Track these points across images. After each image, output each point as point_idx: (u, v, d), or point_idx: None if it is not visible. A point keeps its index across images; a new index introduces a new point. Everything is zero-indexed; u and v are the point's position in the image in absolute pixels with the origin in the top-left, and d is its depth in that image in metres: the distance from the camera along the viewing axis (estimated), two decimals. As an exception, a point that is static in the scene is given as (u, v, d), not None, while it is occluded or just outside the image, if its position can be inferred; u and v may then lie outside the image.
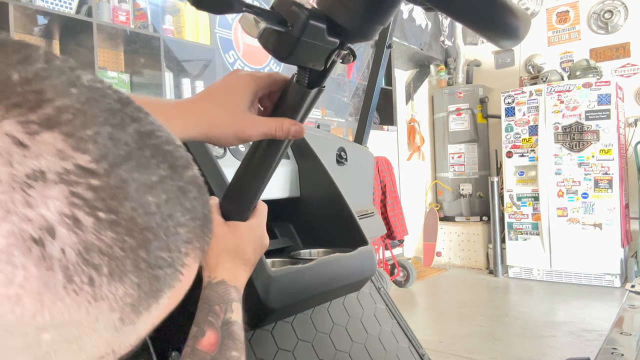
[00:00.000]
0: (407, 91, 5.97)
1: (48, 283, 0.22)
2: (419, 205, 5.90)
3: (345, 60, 0.59)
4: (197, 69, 3.57)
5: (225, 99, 0.58)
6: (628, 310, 1.14)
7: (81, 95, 0.25)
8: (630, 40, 4.93)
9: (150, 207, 0.25)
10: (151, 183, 0.25)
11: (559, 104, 4.54)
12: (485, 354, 2.95)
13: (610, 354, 0.89)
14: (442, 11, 0.50)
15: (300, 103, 0.61)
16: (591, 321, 3.42)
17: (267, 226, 0.71)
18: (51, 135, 0.23)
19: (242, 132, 0.58)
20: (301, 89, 0.60)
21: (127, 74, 3.20)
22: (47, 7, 2.68)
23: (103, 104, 0.25)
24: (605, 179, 4.33)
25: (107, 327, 0.25)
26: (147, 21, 3.14)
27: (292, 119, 0.61)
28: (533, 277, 4.72)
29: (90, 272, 0.23)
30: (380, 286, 1.31)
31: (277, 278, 0.77)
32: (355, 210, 1.01)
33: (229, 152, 0.92)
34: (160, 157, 0.26)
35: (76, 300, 0.23)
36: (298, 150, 1.07)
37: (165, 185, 0.26)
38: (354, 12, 0.53)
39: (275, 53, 0.55)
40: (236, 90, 0.58)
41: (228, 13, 0.49)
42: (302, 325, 1.02)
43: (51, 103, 0.23)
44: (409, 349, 1.25)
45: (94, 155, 0.23)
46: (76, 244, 0.23)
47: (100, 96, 0.26)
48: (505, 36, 0.51)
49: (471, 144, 5.55)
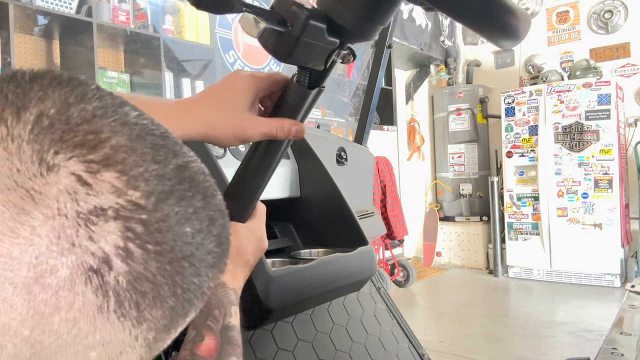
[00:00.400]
0: (407, 91, 5.97)
1: (102, 308, 0.25)
2: (419, 205, 5.90)
3: (345, 60, 0.59)
4: (197, 69, 3.57)
5: (226, 99, 0.58)
6: (628, 310, 1.14)
7: (132, 133, 0.28)
8: (630, 40, 4.93)
9: (187, 238, 0.28)
10: (188, 215, 0.28)
11: (559, 104, 4.54)
12: (485, 354, 2.95)
13: (610, 354, 0.89)
14: (442, 11, 0.50)
15: (301, 103, 0.61)
16: (591, 321, 3.42)
17: (267, 226, 0.71)
18: (109, 174, 0.26)
19: (242, 132, 0.57)
20: (301, 89, 0.59)
21: (127, 74, 3.19)
22: (47, 7, 2.68)
23: (148, 140, 0.28)
24: (605, 179, 4.33)
25: (143, 345, 0.28)
26: (147, 21, 3.14)
27: (292, 119, 0.60)
28: (533, 277, 4.72)
29: (138, 298, 0.26)
30: (380, 286, 1.31)
31: (277, 278, 0.77)
32: (355, 210, 1.01)
33: (229, 152, 0.92)
34: (195, 189, 0.29)
35: (123, 323, 0.26)
36: (298, 150, 1.07)
37: (199, 216, 0.29)
38: (354, 12, 0.53)
39: (275, 53, 0.55)
40: (237, 91, 0.58)
41: (228, 13, 0.49)
42: (302, 325, 1.02)
43: (108, 142, 0.26)
44: (409, 349, 1.25)
45: (144, 192, 0.26)
46: (127, 273, 0.25)
47: (146, 133, 0.29)
48: (505, 36, 0.51)
49: (471, 144, 5.55)
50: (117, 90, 3.04)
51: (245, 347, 0.89)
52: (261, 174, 0.66)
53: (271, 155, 0.64)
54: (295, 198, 1.05)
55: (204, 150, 0.82)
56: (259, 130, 0.58)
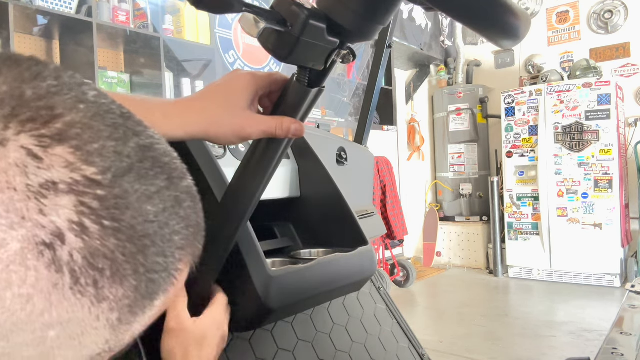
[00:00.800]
0: (407, 91, 5.97)
1: (57, 284, 0.24)
2: (419, 205, 5.90)
3: (345, 60, 0.58)
4: (197, 69, 3.57)
5: (225, 98, 0.58)
6: (628, 310, 1.14)
7: (88, 111, 0.27)
8: (630, 40, 4.93)
9: (149, 216, 0.27)
10: (150, 193, 0.27)
11: (559, 104, 4.54)
12: (485, 354, 2.95)
13: (611, 354, 0.89)
14: (442, 11, 0.50)
15: (301, 102, 0.61)
16: (591, 321, 3.42)
17: (267, 226, 0.71)
18: (62, 148, 0.25)
19: (242, 130, 0.57)
20: (301, 87, 0.59)
21: (127, 74, 3.20)
22: (47, 7, 2.68)
23: (107, 119, 0.28)
24: (605, 179, 4.33)
25: (106, 326, 0.27)
26: (147, 21, 3.14)
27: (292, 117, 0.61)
28: (533, 277, 4.72)
29: (95, 275, 0.25)
30: (380, 286, 1.31)
31: (277, 278, 0.77)
32: (355, 210, 1.01)
33: (229, 152, 0.92)
34: (159, 169, 0.29)
35: (81, 301, 0.25)
36: (298, 150, 1.07)
37: (162, 196, 0.28)
38: (354, 11, 0.53)
39: (275, 53, 0.55)
40: (236, 89, 0.58)
41: (228, 13, 0.49)
42: (302, 325, 1.02)
43: (61, 118, 0.26)
44: (409, 349, 1.25)
45: (100, 168, 0.26)
46: (83, 249, 0.25)
47: (105, 112, 0.28)
48: (506, 36, 0.51)
49: (471, 144, 5.55)
50: (117, 90, 3.05)
51: (245, 347, 0.89)
52: (261, 174, 0.65)
53: (271, 155, 0.64)
54: (295, 198, 1.05)
55: (204, 150, 0.82)
56: (259, 128, 0.58)
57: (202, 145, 0.81)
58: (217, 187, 0.78)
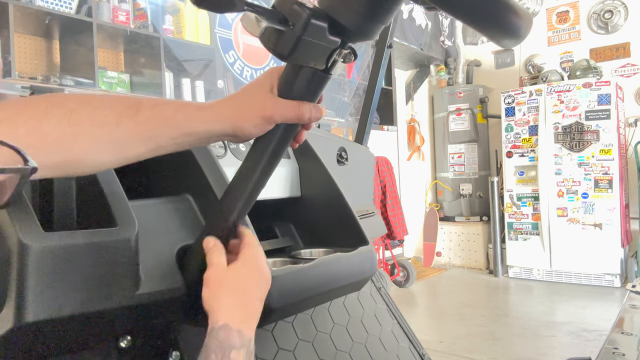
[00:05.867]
0: (407, 91, 5.97)
1: None
2: (419, 205, 5.90)
3: (347, 59, 0.58)
4: (197, 69, 3.57)
5: (250, 86, 0.63)
6: (629, 310, 1.14)
7: None
8: (630, 40, 4.93)
9: None
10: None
11: (559, 104, 4.54)
12: (485, 354, 2.95)
13: (612, 354, 0.89)
14: (444, 10, 0.50)
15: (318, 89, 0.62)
16: (591, 321, 3.42)
17: (267, 226, 0.71)
18: None
19: (264, 110, 0.60)
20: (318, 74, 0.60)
21: (127, 74, 3.19)
22: (47, 7, 2.67)
23: None
24: (605, 179, 4.33)
25: None
26: (147, 21, 3.14)
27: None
28: (533, 277, 4.72)
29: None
30: (380, 286, 1.31)
31: (277, 278, 0.77)
32: (356, 210, 1.01)
33: (229, 152, 0.92)
34: None
35: None
36: (299, 150, 1.07)
37: None
38: (356, 11, 0.53)
39: (277, 52, 0.55)
40: (259, 79, 0.63)
41: (230, 12, 0.49)
42: (303, 325, 1.02)
43: None
44: (409, 349, 1.25)
45: None
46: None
47: None
48: (507, 35, 0.51)
49: (471, 144, 5.55)
50: (117, 90, 3.04)
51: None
52: (261, 173, 0.65)
53: (271, 154, 0.64)
54: (295, 198, 1.05)
55: (205, 150, 0.82)
56: (280, 110, 0.61)
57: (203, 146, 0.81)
58: (217, 187, 0.78)
